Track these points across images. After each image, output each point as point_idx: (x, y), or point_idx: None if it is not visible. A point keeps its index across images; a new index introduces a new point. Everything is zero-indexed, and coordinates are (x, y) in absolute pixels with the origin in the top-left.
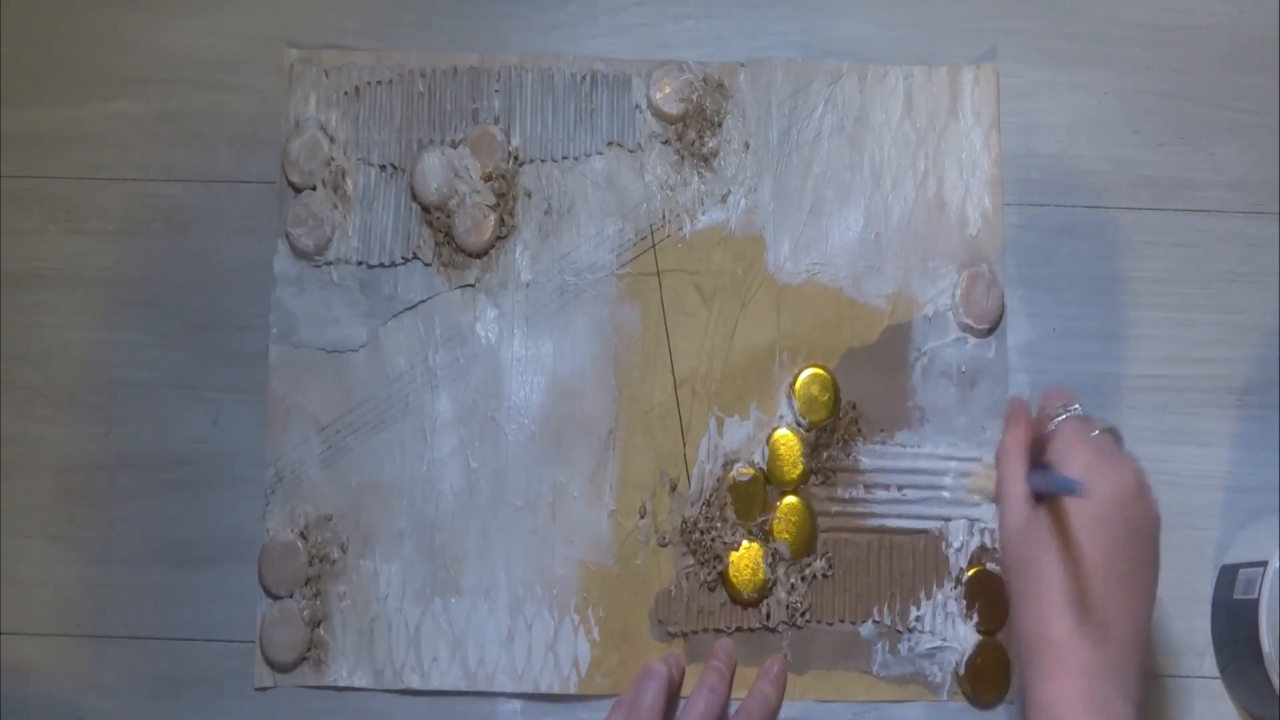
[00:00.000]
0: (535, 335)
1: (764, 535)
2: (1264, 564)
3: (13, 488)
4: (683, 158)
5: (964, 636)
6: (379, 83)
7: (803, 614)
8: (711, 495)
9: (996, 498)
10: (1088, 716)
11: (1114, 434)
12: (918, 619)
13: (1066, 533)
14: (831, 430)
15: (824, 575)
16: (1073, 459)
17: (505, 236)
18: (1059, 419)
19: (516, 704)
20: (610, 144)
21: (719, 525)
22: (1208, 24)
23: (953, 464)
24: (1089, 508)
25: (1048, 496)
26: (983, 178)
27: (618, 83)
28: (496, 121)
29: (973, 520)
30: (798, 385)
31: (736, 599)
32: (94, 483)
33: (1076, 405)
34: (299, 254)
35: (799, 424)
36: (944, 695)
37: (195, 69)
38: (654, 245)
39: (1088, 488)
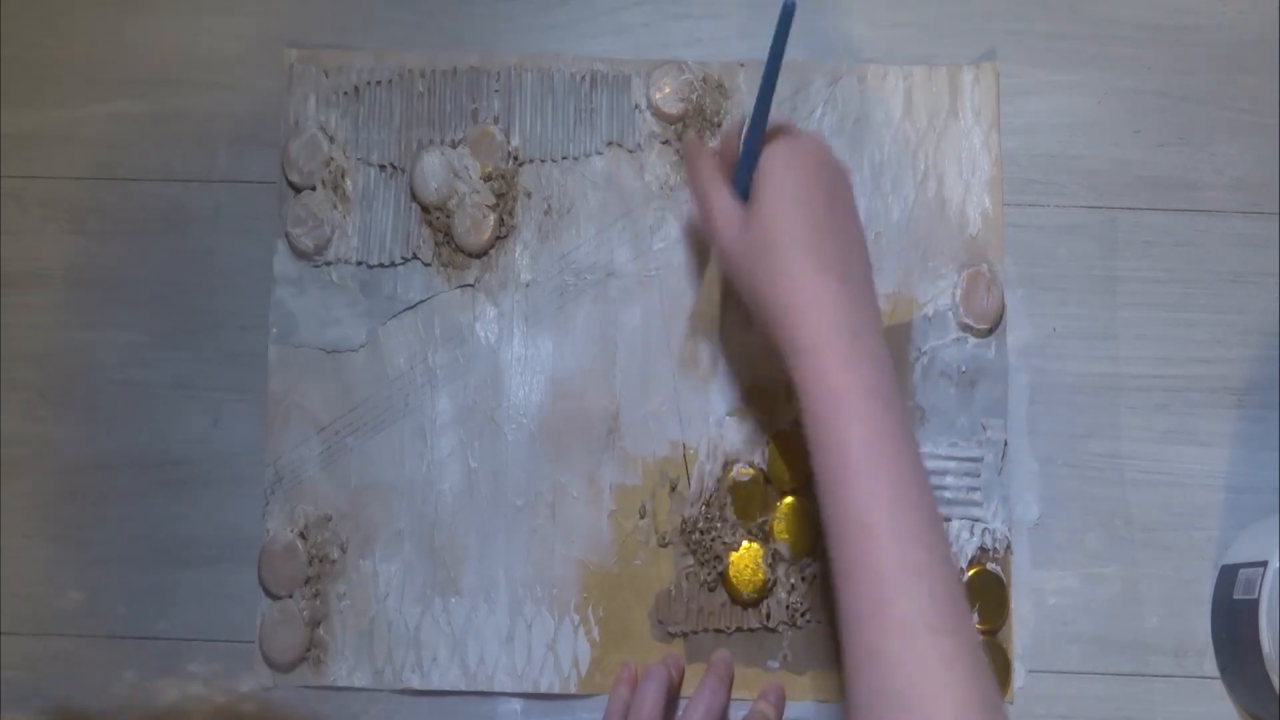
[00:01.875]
0: (535, 335)
1: (764, 535)
2: (1264, 564)
3: (13, 488)
4: (683, 158)
5: None
6: (379, 83)
7: (803, 614)
8: (711, 495)
9: (701, 219)
10: (857, 353)
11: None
12: None
13: (785, 197)
14: None
15: (824, 576)
16: (769, 138)
17: (505, 236)
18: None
19: (516, 704)
20: (610, 144)
21: (719, 525)
22: (1208, 24)
23: (952, 464)
24: (791, 174)
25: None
26: (983, 178)
27: (618, 83)
28: (496, 121)
29: (973, 520)
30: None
31: (736, 599)
32: (94, 483)
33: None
34: (299, 254)
35: (799, 424)
36: None
37: (195, 69)
38: (654, 246)
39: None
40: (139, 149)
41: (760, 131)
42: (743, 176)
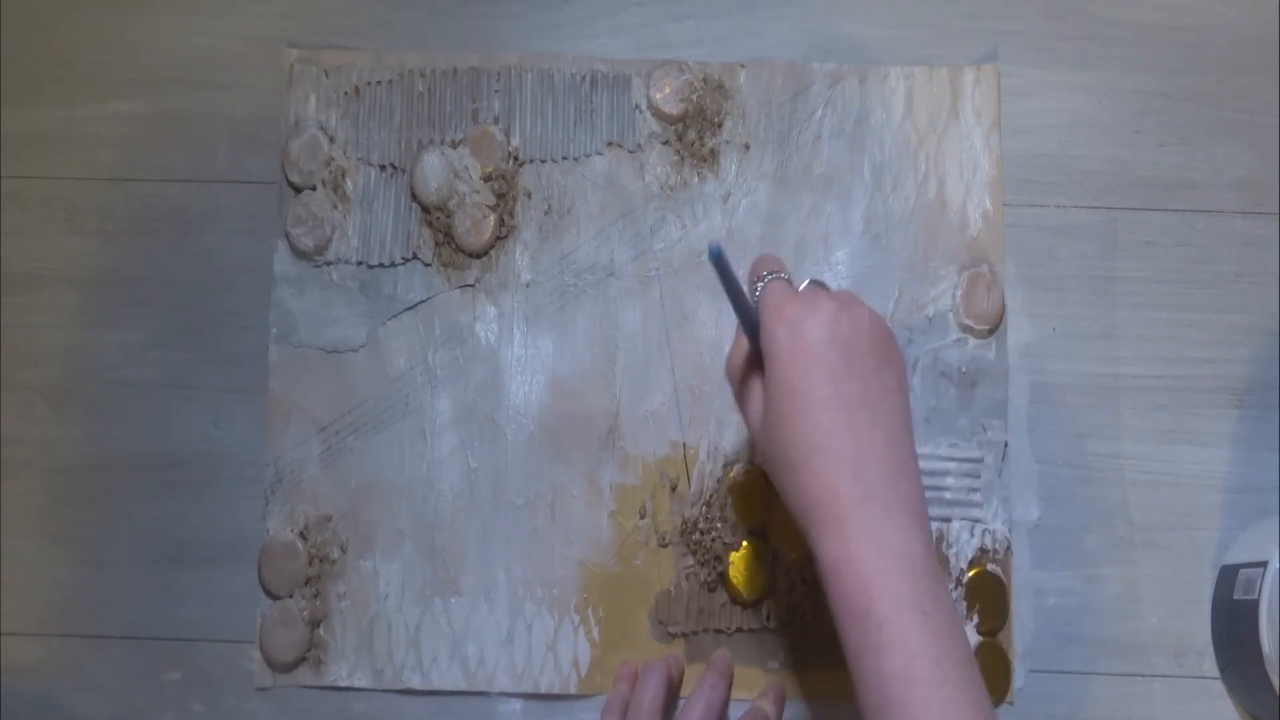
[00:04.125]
0: (535, 335)
1: (764, 535)
2: (1264, 564)
3: (13, 488)
4: (683, 158)
5: None
6: (379, 83)
7: (803, 614)
8: (711, 496)
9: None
10: (882, 558)
11: (820, 285)
12: None
13: (786, 402)
14: None
15: None
16: (770, 313)
17: (505, 237)
18: (761, 284)
19: (516, 704)
20: (610, 144)
21: (719, 526)
22: (1208, 24)
23: (952, 464)
24: (800, 357)
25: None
26: (983, 178)
27: (618, 83)
28: (496, 121)
29: (973, 521)
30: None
31: (736, 599)
32: (94, 483)
33: (781, 272)
34: (299, 254)
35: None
36: None
37: (195, 69)
38: (654, 246)
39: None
40: (139, 149)
41: (742, 312)
42: (752, 346)
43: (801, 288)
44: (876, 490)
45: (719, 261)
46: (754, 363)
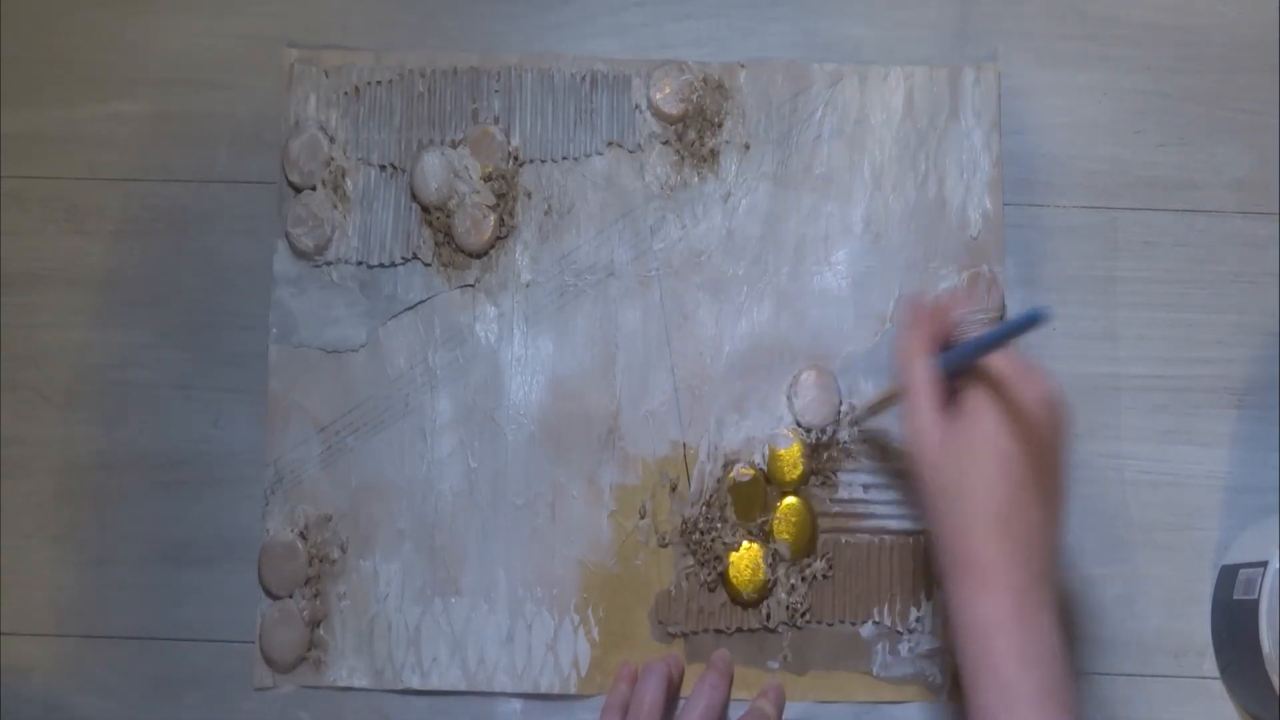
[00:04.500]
0: (535, 335)
1: (764, 536)
2: (1264, 564)
3: (13, 488)
4: (683, 158)
5: None
6: (379, 83)
7: (803, 614)
8: (711, 496)
9: (907, 401)
10: (1018, 633)
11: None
12: (918, 620)
13: (991, 444)
14: (831, 432)
15: (824, 576)
16: (990, 367)
17: (505, 237)
18: (972, 321)
19: (516, 704)
20: (610, 144)
21: (719, 526)
22: (1208, 24)
23: None
24: (1013, 416)
25: (958, 391)
26: (983, 178)
27: (618, 83)
28: (496, 121)
29: None
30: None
31: (736, 599)
32: (94, 483)
33: (983, 313)
34: (299, 254)
35: (799, 425)
36: (944, 696)
37: (195, 69)
38: (654, 246)
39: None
40: (139, 149)
41: (989, 351)
42: (951, 367)
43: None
44: (1037, 582)
45: (1032, 323)
46: (938, 382)
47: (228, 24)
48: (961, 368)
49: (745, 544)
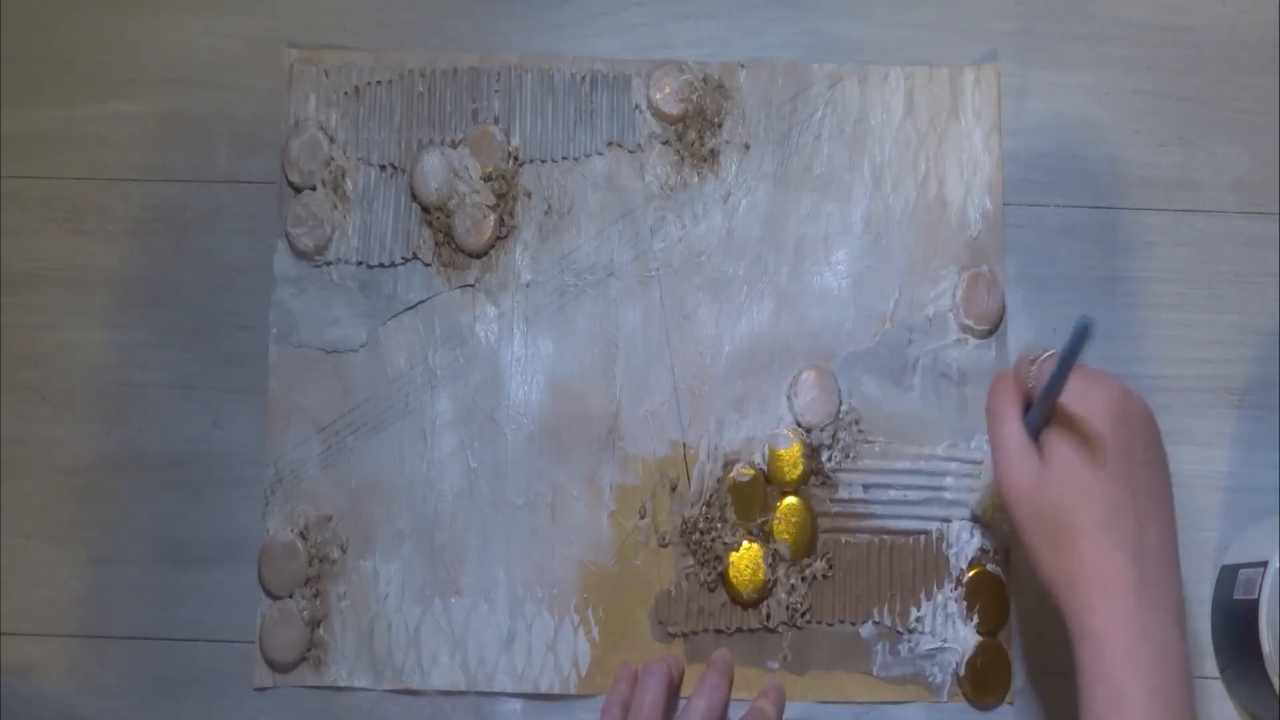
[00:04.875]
0: (535, 335)
1: (764, 536)
2: (1264, 564)
3: (13, 488)
4: (683, 158)
5: (964, 638)
6: (379, 83)
7: (803, 614)
8: (711, 496)
9: (995, 461)
10: (1131, 638)
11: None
12: (918, 620)
13: (1078, 462)
14: (832, 432)
15: (824, 576)
16: (1089, 383)
17: (505, 237)
18: (1041, 359)
19: (516, 704)
20: (610, 144)
21: (719, 526)
22: (1208, 24)
23: (953, 465)
24: (1089, 430)
25: (1045, 427)
26: (983, 178)
27: (618, 83)
28: (496, 121)
29: (974, 521)
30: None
31: (736, 600)
32: (94, 483)
33: (1050, 350)
34: (299, 254)
35: (799, 425)
36: (944, 696)
37: (195, 69)
38: (654, 246)
39: (1085, 379)
40: (139, 149)
41: (1060, 385)
42: (1037, 418)
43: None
44: (1150, 580)
45: (1083, 335)
46: (1024, 407)
47: (228, 24)
48: (1047, 415)
49: (745, 544)
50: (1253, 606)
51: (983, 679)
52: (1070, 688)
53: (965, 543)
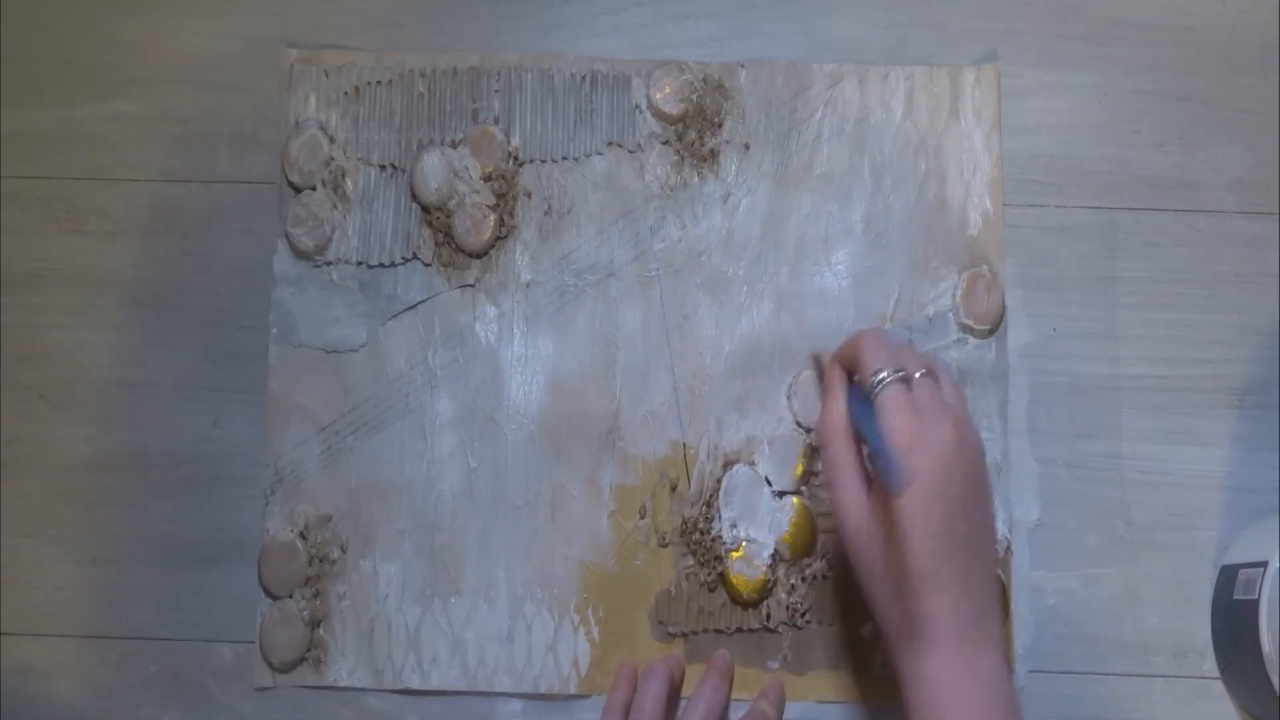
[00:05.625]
0: (535, 335)
1: None
2: (1264, 564)
3: (13, 488)
4: (683, 158)
5: None
6: (379, 83)
7: (803, 614)
8: (711, 496)
9: (829, 485)
10: (959, 681)
11: (933, 376)
12: None
13: (904, 517)
14: None
15: (824, 576)
16: (895, 432)
17: (505, 237)
18: (878, 386)
19: (516, 704)
20: (610, 144)
21: (719, 525)
22: (1208, 24)
23: None
24: (920, 485)
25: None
26: (983, 179)
27: (618, 83)
28: (496, 121)
29: None
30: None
31: (736, 600)
32: (94, 483)
33: (897, 367)
34: (299, 254)
35: (799, 425)
36: None
37: (195, 69)
38: (654, 246)
39: (906, 476)
40: (139, 149)
41: (868, 424)
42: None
43: (917, 379)
44: (973, 623)
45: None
46: (856, 446)
47: (228, 24)
48: (872, 441)
49: (745, 543)
50: (1253, 606)
51: None
52: (1071, 685)
53: None
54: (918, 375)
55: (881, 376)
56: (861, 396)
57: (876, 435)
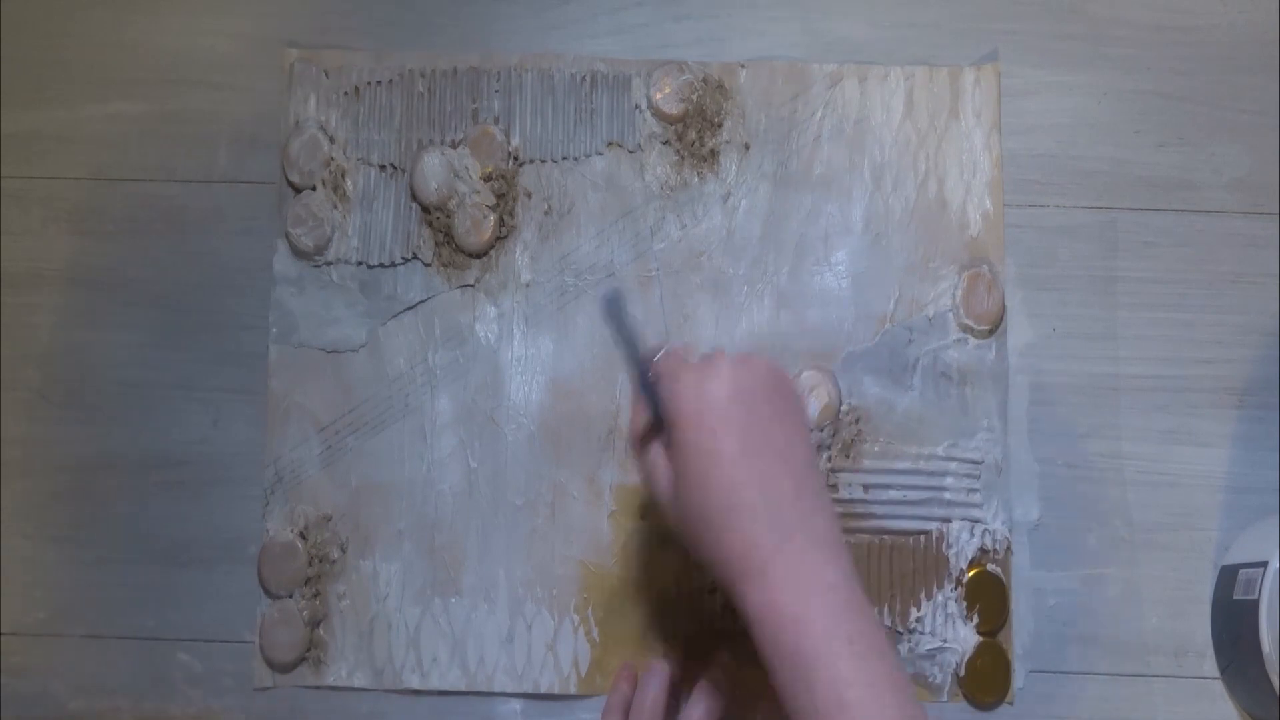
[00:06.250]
0: (535, 335)
1: None
2: (1264, 564)
3: (13, 488)
4: (683, 158)
5: (964, 638)
6: (379, 83)
7: None
8: None
9: (650, 487)
10: (811, 590)
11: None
12: (918, 620)
13: (691, 459)
14: (832, 432)
15: None
16: (671, 379)
17: (505, 236)
18: (657, 357)
19: (516, 704)
20: (610, 144)
21: None
22: (1208, 24)
23: (953, 465)
24: (706, 417)
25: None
26: (983, 179)
27: (618, 83)
28: (496, 121)
29: (973, 521)
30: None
31: None
32: (95, 483)
33: (665, 348)
34: (299, 254)
35: None
36: (944, 696)
37: (195, 69)
38: (654, 246)
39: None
40: (139, 149)
41: (644, 387)
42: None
43: (697, 356)
44: (792, 534)
45: (614, 310)
46: (655, 430)
47: (228, 24)
48: (660, 418)
49: None
50: (1253, 606)
51: (982, 679)
52: (1071, 685)
53: (965, 543)
54: (699, 356)
55: (660, 354)
56: (651, 383)
57: (659, 398)
